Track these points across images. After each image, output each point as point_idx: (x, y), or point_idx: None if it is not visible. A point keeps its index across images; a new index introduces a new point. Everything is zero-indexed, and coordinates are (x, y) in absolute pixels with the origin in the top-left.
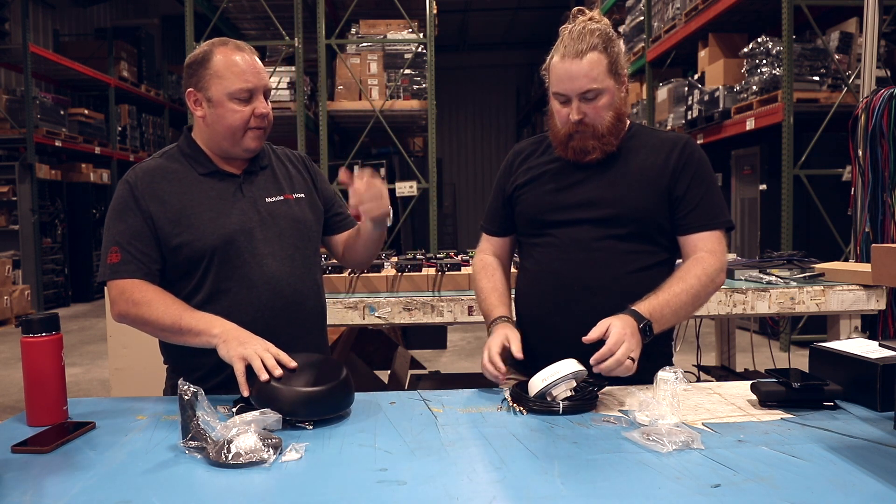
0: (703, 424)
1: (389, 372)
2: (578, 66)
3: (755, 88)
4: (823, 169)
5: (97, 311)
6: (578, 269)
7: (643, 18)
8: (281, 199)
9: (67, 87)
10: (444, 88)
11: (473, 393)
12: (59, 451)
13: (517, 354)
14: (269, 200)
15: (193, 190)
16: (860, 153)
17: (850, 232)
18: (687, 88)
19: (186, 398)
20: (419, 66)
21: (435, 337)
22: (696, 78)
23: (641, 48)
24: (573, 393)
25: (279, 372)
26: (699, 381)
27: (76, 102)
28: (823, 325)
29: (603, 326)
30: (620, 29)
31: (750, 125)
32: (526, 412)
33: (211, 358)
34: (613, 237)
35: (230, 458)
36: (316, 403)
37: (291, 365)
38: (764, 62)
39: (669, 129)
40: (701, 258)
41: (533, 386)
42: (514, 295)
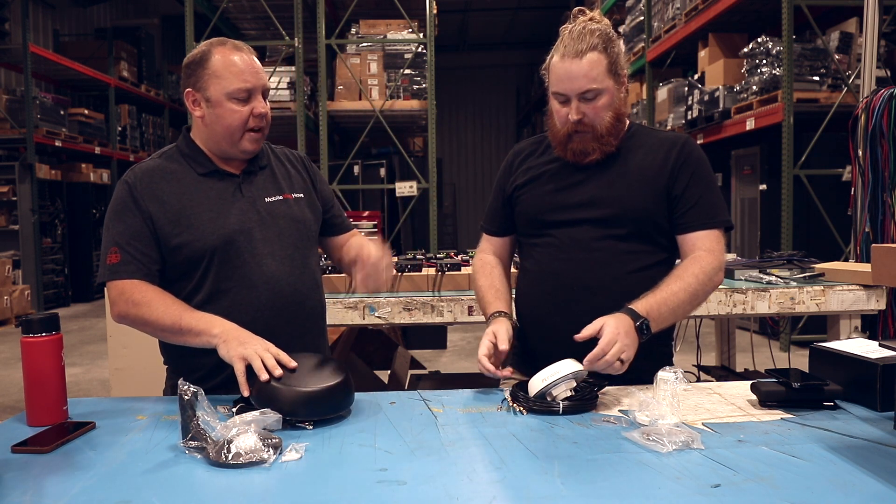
0: (703, 424)
1: (389, 372)
2: (578, 66)
3: (755, 88)
4: (823, 169)
5: (97, 311)
6: (578, 269)
7: (643, 18)
8: (280, 198)
9: (67, 87)
10: (444, 88)
11: (473, 393)
12: (59, 451)
13: (501, 347)
14: (268, 200)
15: (192, 190)
16: (860, 153)
17: (850, 232)
18: (687, 88)
19: (186, 398)
20: (419, 66)
21: (435, 337)
22: (696, 78)
23: (641, 48)
24: (573, 393)
25: (279, 372)
26: (699, 381)
27: (76, 102)
28: (823, 325)
29: (597, 325)
30: (620, 29)
31: (750, 125)
32: (526, 412)
33: (211, 358)
34: (613, 237)
35: (230, 458)
36: (316, 403)
37: (291, 365)
38: (764, 62)
39: (669, 129)
40: (699, 257)
41: (533, 386)
42: (514, 295)
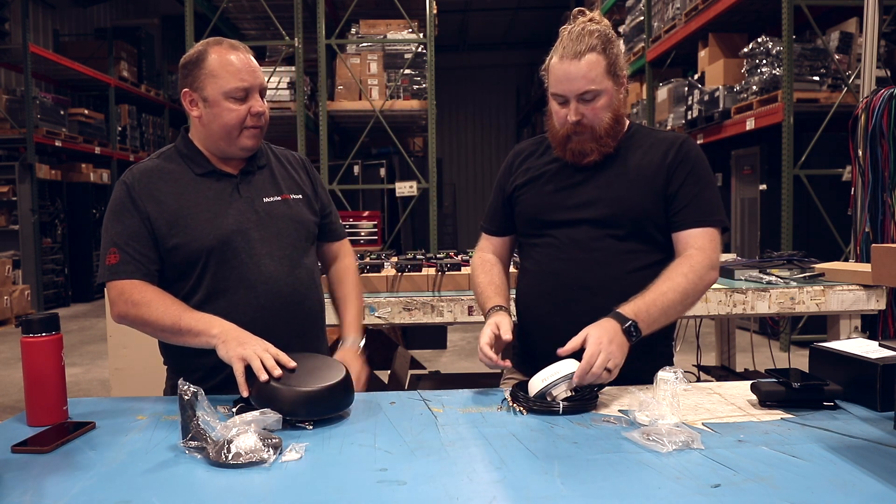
0: (703, 424)
1: (389, 372)
2: (577, 67)
3: (755, 88)
4: (823, 169)
5: (97, 311)
6: (577, 269)
7: (643, 18)
8: (279, 199)
9: (67, 87)
10: (444, 88)
11: (473, 393)
12: (59, 451)
13: (505, 337)
14: (266, 200)
15: (190, 190)
16: (860, 153)
17: (850, 232)
18: (687, 88)
19: (186, 398)
20: (419, 66)
21: (435, 337)
22: (696, 78)
23: (641, 48)
24: (573, 393)
25: (278, 372)
26: (699, 381)
27: (76, 102)
28: (823, 325)
29: (580, 338)
30: (620, 29)
31: (750, 125)
32: (526, 412)
33: (211, 358)
34: (612, 237)
35: (230, 458)
36: (316, 403)
37: (291, 365)
38: (764, 62)
39: (669, 129)
40: (689, 255)
41: (533, 386)
42: (514, 295)
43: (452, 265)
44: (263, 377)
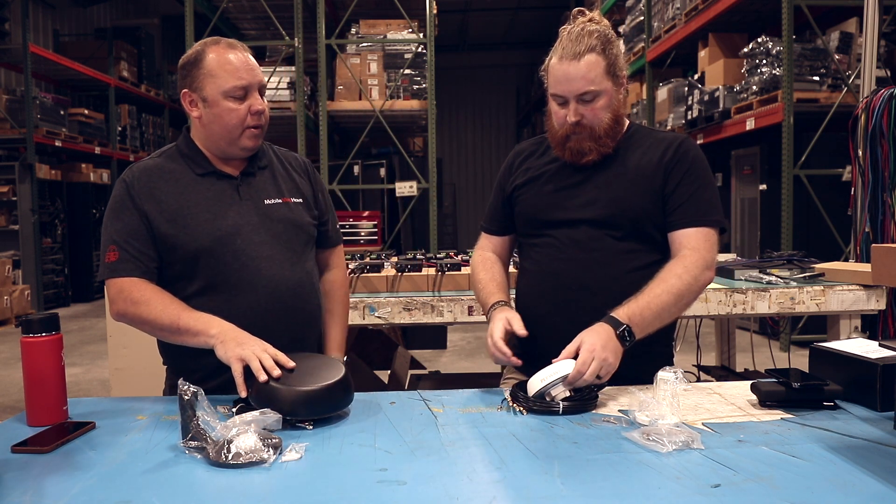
0: (703, 424)
1: (389, 372)
2: (576, 67)
3: (755, 88)
4: (823, 169)
5: (97, 311)
6: (577, 268)
7: (643, 18)
8: (279, 201)
9: (67, 87)
10: (444, 88)
11: (473, 393)
12: (59, 451)
13: (521, 332)
14: (267, 202)
15: (190, 190)
16: (860, 153)
17: (850, 232)
18: (687, 88)
19: (186, 398)
20: (419, 66)
21: (435, 337)
22: (696, 78)
23: (641, 48)
24: (572, 393)
25: (277, 373)
26: (699, 381)
27: (76, 102)
28: (823, 325)
29: (574, 345)
30: (620, 29)
31: (750, 125)
32: (526, 412)
33: (210, 359)
34: (611, 237)
35: (230, 458)
36: (315, 402)
37: (290, 365)
38: (764, 62)
39: (669, 129)
40: (683, 256)
41: (532, 386)
42: (514, 295)
43: (452, 265)
44: (262, 378)
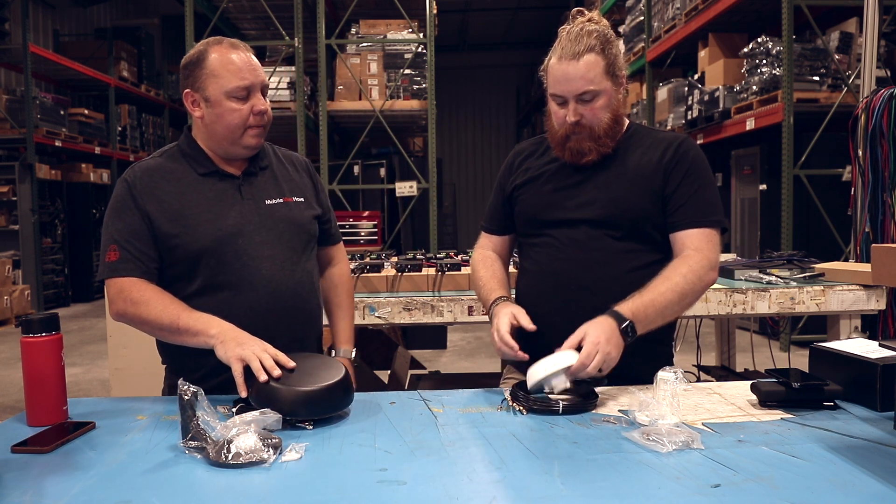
0: (703, 424)
1: (389, 372)
2: (575, 67)
3: (755, 88)
4: (823, 169)
5: (97, 311)
6: (576, 268)
7: (643, 18)
8: (281, 201)
9: (67, 87)
10: (444, 88)
11: (473, 393)
12: (59, 451)
13: (529, 326)
14: (268, 202)
15: (192, 190)
16: (860, 153)
17: (850, 232)
18: (687, 88)
19: (186, 398)
20: (419, 66)
21: (435, 337)
22: (696, 78)
23: (641, 48)
24: (572, 385)
25: (277, 373)
26: (699, 381)
27: (76, 102)
28: (823, 325)
29: (578, 335)
30: (620, 29)
31: (750, 125)
32: (526, 412)
33: (210, 359)
34: (611, 237)
35: (230, 458)
36: (315, 403)
37: (290, 365)
38: (764, 62)
39: (669, 129)
40: (688, 256)
41: (533, 374)
42: (513, 295)
43: (452, 265)
44: (263, 378)
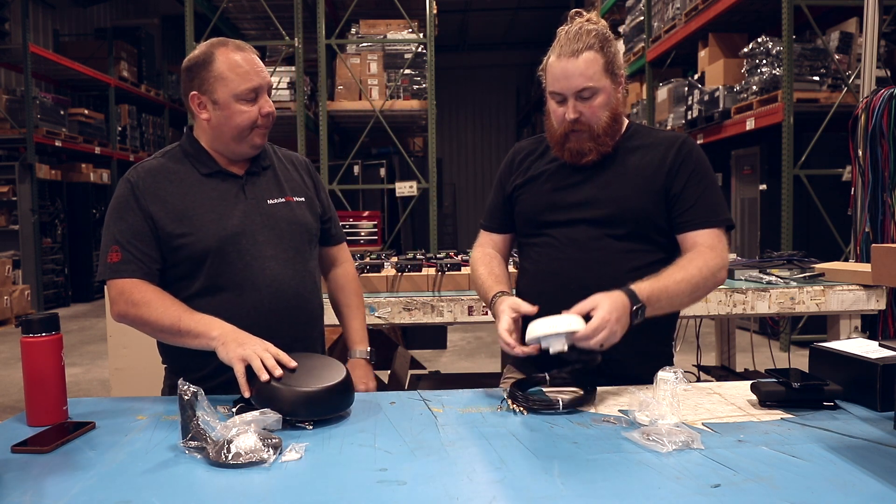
0: (703, 424)
1: (389, 372)
2: (574, 64)
3: (755, 88)
4: (823, 169)
5: (97, 311)
6: (576, 268)
7: (643, 18)
8: (282, 201)
9: (67, 87)
10: (444, 88)
11: (473, 393)
12: (59, 451)
13: (531, 310)
14: (270, 202)
15: (195, 190)
16: (860, 153)
17: (850, 232)
18: (687, 88)
19: (186, 398)
20: (419, 66)
21: (435, 337)
22: (696, 78)
23: (641, 48)
24: (566, 349)
25: (279, 372)
26: (699, 381)
27: (76, 102)
28: (823, 325)
29: (590, 304)
30: (620, 29)
31: (750, 125)
32: (526, 412)
33: (209, 359)
34: (610, 237)
35: (230, 458)
36: (316, 403)
37: (291, 365)
38: (764, 62)
39: (669, 128)
40: (703, 251)
41: (534, 329)
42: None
43: (452, 265)
44: (264, 377)
